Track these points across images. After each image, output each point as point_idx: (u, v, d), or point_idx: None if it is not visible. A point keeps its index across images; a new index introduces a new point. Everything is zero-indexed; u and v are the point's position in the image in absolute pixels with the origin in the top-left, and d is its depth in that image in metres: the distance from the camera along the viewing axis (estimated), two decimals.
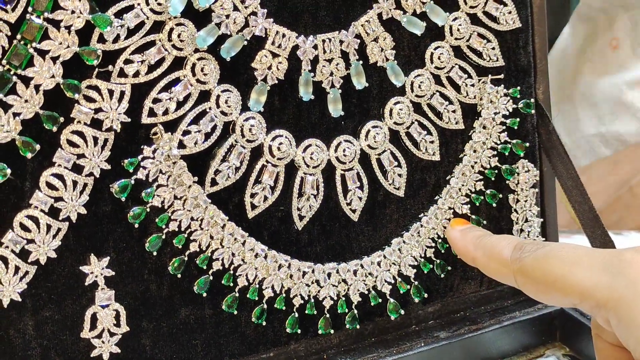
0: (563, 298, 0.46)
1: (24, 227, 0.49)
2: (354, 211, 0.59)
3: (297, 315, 0.58)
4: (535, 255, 0.48)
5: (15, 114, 0.47)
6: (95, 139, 0.50)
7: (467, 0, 0.60)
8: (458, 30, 0.60)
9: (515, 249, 0.50)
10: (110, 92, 0.50)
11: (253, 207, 0.56)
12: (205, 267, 0.55)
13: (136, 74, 0.51)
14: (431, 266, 0.62)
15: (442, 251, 0.62)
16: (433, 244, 0.62)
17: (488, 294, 0.66)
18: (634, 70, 1.10)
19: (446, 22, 0.60)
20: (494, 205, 0.64)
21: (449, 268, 0.63)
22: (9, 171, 0.48)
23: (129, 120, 0.51)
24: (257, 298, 0.57)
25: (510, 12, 0.62)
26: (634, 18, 1.10)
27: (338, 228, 0.59)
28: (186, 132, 0.53)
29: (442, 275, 0.63)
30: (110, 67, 0.50)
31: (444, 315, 0.65)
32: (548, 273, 0.46)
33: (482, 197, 0.63)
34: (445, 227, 0.62)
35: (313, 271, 0.58)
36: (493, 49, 0.62)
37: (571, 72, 1.21)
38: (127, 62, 0.50)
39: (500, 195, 0.64)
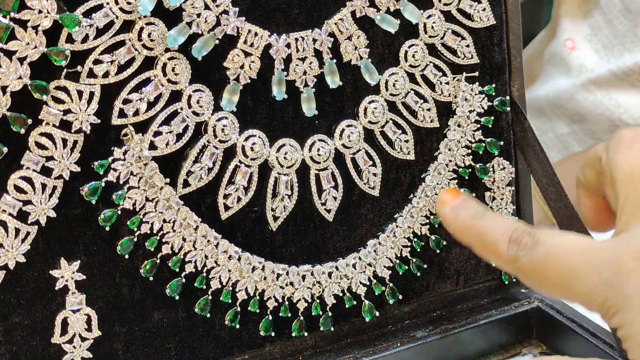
0: (565, 299, 0.46)
1: None
2: (328, 211, 0.58)
3: (271, 317, 0.58)
4: (532, 258, 0.47)
5: None
6: (65, 141, 0.49)
7: None
8: (432, 27, 0.60)
9: (512, 243, 0.48)
10: (80, 93, 0.49)
11: (226, 208, 0.55)
12: (177, 270, 0.54)
13: (106, 75, 0.50)
14: (407, 267, 0.62)
15: (418, 249, 0.62)
16: (409, 243, 0.62)
17: (464, 292, 0.66)
18: (592, 71, 1.11)
19: (420, 20, 0.59)
20: None
21: (425, 266, 0.63)
22: None
23: (99, 121, 0.50)
24: (230, 301, 0.56)
25: (484, 9, 0.62)
26: (597, 24, 1.11)
27: (313, 228, 0.59)
28: (157, 133, 0.52)
29: (418, 274, 0.63)
30: (79, 68, 0.49)
31: (420, 314, 0.64)
32: (546, 280, 0.46)
33: None
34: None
35: (287, 273, 0.58)
36: (467, 46, 0.62)
37: (534, 74, 1.21)
38: (97, 62, 0.49)
39: (474, 194, 0.63)
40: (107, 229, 0.52)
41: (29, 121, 0.48)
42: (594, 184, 0.52)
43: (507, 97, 0.64)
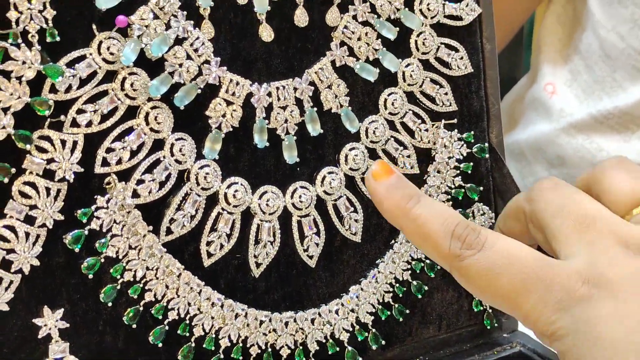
0: (503, 310, 0.46)
1: None
2: (311, 257, 0.59)
3: None
4: (481, 262, 0.46)
5: None
6: (48, 190, 0.50)
7: (419, 47, 0.61)
8: (411, 76, 0.61)
9: (454, 238, 0.47)
10: (63, 142, 0.50)
11: (209, 255, 0.56)
12: (161, 317, 0.54)
13: (89, 124, 0.50)
14: (389, 313, 0.62)
15: (400, 295, 0.62)
16: (391, 289, 0.62)
17: (447, 337, 0.66)
18: (572, 116, 1.12)
19: (399, 69, 0.60)
20: None
21: (407, 312, 0.63)
22: None
23: (82, 170, 0.51)
24: (213, 348, 0.56)
25: (462, 58, 0.63)
26: (577, 69, 1.13)
27: (295, 275, 0.59)
28: (140, 181, 0.52)
29: (401, 319, 0.63)
30: (62, 117, 0.49)
31: None
32: (493, 289, 0.45)
33: None
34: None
35: (270, 320, 0.58)
36: (446, 94, 0.63)
37: (516, 118, 1.23)
38: (80, 112, 0.50)
39: None
40: (90, 276, 0.52)
41: (13, 170, 0.48)
42: (517, 234, 0.52)
43: (486, 144, 0.65)
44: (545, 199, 0.50)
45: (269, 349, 0.58)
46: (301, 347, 0.59)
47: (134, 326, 0.54)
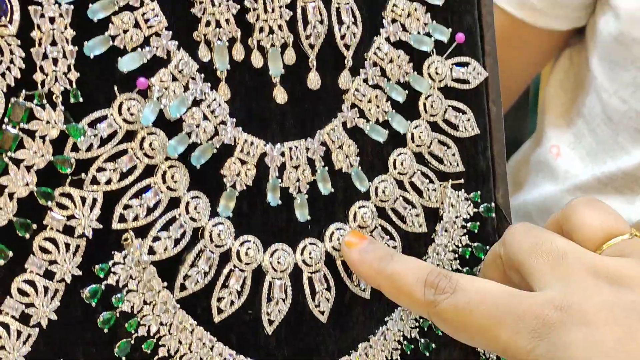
0: (484, 347, 0.48)
1: None
2: (322, 312, 0.60)
3: None
4: (453, 303, 0.48)
5: None
6: (67, 246, 0.51)
7: (427, 109, 0.63)
8: (419, 137, 0.62)
9: (427, 286, 0.50)
10: (83, 200, 0.51)
11: (220, 311, 0.57)
12: None
13: (108, 182, 0.52)
14: None
15: (408, 352, 0.63)
16: (399, 346, 0.63)
17: None
18: (577, 177, 1.13)
19: (408, 130, 0.62)
20: None
21: None
22: None
23: (100, 226, 0.52)
24: None
25: (469, 120, 0.65)
26: (580, 132, 1.14)
27: (306, 331, 0.60)
28: (156, 238, 0.54)
29: None
30: (83, 175, 0.51)
31: None
32: (469, 326, 0.47)
33: None
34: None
35: None
36: (453, 154, 0.64)
37: (521, 180, 1.24)
38: (100, 170, 0.52)
39: None
40: (106, 331, 0.53)
41: (34, 226, 0.50)
42: (496, 281, 0.54)
43: (492, 204, 0.66)
44: (518, 240, 0.53)
45: None
46: None
47: None
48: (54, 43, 0.49)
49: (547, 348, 0.45)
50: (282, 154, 0.58)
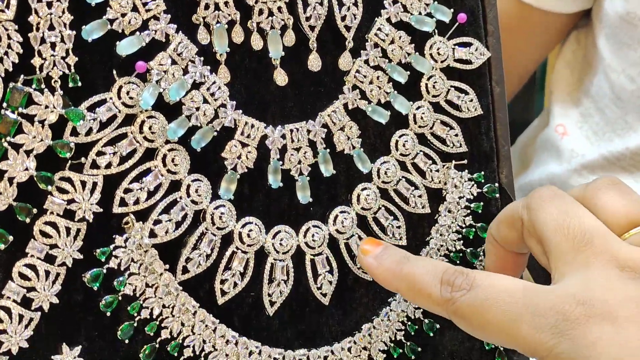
0: (503, 344, 0.47)
1: None
2: (324, 295, 0.60)
3: None
4: (471, 300, 0.47)
5: None
6: (68, 230, 0.51)
7: (429, 90, 0.63)
8: (422, 118, 0.62)
9: (444, 285, 0.49)
10: (83, 184, 0.51)
11: (223, 293, 0.57)
12: (176, 354, 0.55)
13: (108, 166, 0.52)
14: (401, 350, 0.63)
15: (412, 333, 0.63)
16: (403, 327, 0.63)
17: None
18: (583, 157, 1.13)
19: (410, 111, 0.62)
20: None
21: (419, 350, 0.64)
22: None
23: (101, 210, 0.52)
24: None
25: (471, 100, 0.64)
26: (587, 111, 1.14)
27: (309, 312, 0.60)
28: (157, 222, 0.54)
29: (413, 357, 0.64)
30: (82, 159, 0.51)
31: None
32: (488, 323, 0.46)
33: None
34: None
35: (284, 358, 0.59)
36: (456, 135, 0.64)
37: (528, 160, 1.24)
38: (100, 154, 0.52)
39: None
40: (108, 314, 0.53)
41: (34, 211, 0.50)
42: (511, 241, 0.53)
43: (496, 184, 0.66)
44: (545, 210, 0.50)
45: None
46: None
47: None
48: (51, 27, 0.49)
49: (570, 345, 0.43)
50: (283, 136, 0.58)
